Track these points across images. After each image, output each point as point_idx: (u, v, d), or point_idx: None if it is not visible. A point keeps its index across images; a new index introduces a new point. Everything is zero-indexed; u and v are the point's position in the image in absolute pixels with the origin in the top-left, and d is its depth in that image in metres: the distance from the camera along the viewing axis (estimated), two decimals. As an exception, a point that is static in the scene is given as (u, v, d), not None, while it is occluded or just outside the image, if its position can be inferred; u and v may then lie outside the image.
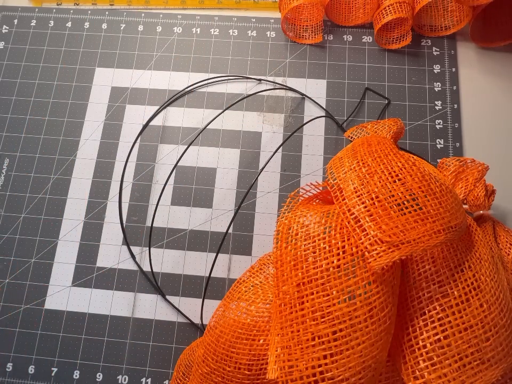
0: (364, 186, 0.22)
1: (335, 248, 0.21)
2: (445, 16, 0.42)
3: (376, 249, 0.20)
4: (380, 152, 0.23)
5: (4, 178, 0.40)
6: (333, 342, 0.20)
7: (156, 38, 0.44)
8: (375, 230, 0.20)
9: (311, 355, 0.20)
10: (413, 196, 0.21)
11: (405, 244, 0.20)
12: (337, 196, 0.23)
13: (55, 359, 0.35)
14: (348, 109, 0.41)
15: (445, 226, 0.21)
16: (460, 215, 0.22)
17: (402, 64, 0.42)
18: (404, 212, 0.21)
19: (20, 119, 0.42)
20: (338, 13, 0.44)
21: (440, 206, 0.21)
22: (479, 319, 0.20)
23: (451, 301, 0.21)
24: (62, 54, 0.44)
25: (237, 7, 0.46)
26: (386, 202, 0.21)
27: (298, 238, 0.22)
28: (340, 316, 0.20)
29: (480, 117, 0.41)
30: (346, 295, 0.21)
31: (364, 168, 0.23)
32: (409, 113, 0.41)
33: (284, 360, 0.21)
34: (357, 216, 0.21)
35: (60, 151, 0.41)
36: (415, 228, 0.20)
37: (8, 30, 0.46)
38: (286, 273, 0.22)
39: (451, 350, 0.20)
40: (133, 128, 0.41)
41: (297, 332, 0.21)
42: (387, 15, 0.39)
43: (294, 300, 0.21)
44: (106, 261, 0.38)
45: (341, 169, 0.23)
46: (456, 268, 0.22)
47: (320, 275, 0.21)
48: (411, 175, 0.22)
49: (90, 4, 0.47)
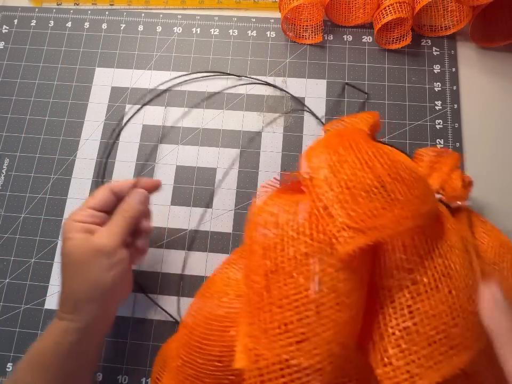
0: (333, 174, 0.22)
1: (303, 235, 0.21)
2: (445, 16, 0.42)
3: (343, 235, 0.20)
4: (351, 142, 0.24)
5: (4, 178, 0.40)
6: (299, 330, 0.20)
7: (156, 38, 0.44)
8: (343, 217, 0.20)
9: (278, 343, 0.20)
10: (382, 183, 0.21)
11: (372, 229, 0.20)
12: (307, 184, 0.23)
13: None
14: (348, 109, 0.41)
15: (414, 213, 0.21)
16: (429, 202, 0.22)
17: (402, 64, 0.42)
18: (372, 199, 0.21)
19: (20, 119, 0.42)
20: (338, 13, 0.44)
21: (409, 193, 0.21)
22: (447, 305, 0.20)
23: (420, 288, 0.21)
24: (62, 54, 0.44)
25: (237, 7, 0.46)
26: (355, 190, 0.21)
27: (267, 227, 0.22)
28: (306, 303, 0.20)
29: (480, 117, 0.41)
30: (313, 282, 0.20)
31: (335, 157, 0.23)
32: (409, 113, 0.41)
33: (250, 348, 0.20)
34: (325, 204, 0.21)
35: (60, 151, 0.41)
36: (382, 214, 0.20)
37: (8, 30, 0.46)
38: (255, 262, 0.22)
39: (419, 336, 0.20)
40: (133, 128, 0.41)
41: (264, 320, 0.21)
42: (387, 15, 0.39)
43: (262, 289, 0.21)
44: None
45: (313, 159, 0.23)
46: (426, 255, 0.21)
47: (288, 263, 0.21)
48: (381, 163, 0.22)
49: (90, 4, 0.47)
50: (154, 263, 0.37)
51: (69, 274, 0.29)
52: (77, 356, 0.28)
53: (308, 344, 0.20)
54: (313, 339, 0.20)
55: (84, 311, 0.28)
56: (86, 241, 0.29)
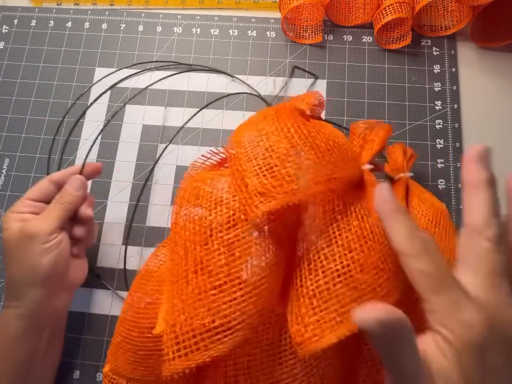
0: (252, 147, 0.23)
1: (220, 205, 0.23)
2: (445, 16, 0.42)
3: (255, 201, 0.21)
4: (273, 116, 0.25)
5: (4, 178, 0.40)
6: (213, 292, 0.21)
7: (156, 38, 0.44)
8: (256, 185, 0.22)
9: (194, 308, 0.21)
10: (297, 151, 0.22)
11: (282, 194, 0.21)
12: (230, 158, 0.24)
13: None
14: (348, 108, 0.41)
15: (326, 177, 0.22)
16: (346, 169, 0.24)
17: (402, 64, 0.42)
18: (285, 166, 0.22)
19: (20, 119, 0.42)
20: (338, 13, 0.44)
21: (322, 160, 0.22)
22: (358, 264, 0.21)
23: (334, 249, 0.22)
24: (62, 54, 0.44)
25: (237, 7, 0.46)
26: (271, 159, 0.22)
27: (189, 199, 0.24)
28: (219, 266, 0.21)
29: (480, 117, 0.41)
30: (227, 247, 0.22)
31: (255, 131, 0.24)
32: (409, 113, 0.41)
33: (169, 315, 0.21)
34: (243, 175, 0.22)
35: (60, 151, 0.41)
36: (293, 180, 0.21)
37: (8, 30, 0.46)
38: (177, 234, 0.23)
39: (330, 294, 0.21)
40: (133, 128, 0.41)
41: (181, 286, 0.22)
42: (387, 15, 0.39)
43: (181, 258, 0.22)
44: (107, 261, 0.38)
45: (237, 135, 0.25)
46: (343, 219, 0.23)
47: (204, 230, 0.22)
48: (298, 134, 0.23)
49: (90, 3, 0.47)
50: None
51: (9, 262, 0.30)
52: (26, 344, 0.29)
53: (224, 308, 0.21)
54: (229, 303, 0.21)
55: (24, 297, 0.29)
56: (21, 228, 0.30)
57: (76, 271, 0.32)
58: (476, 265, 0.19)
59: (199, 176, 0.25)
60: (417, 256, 0.18)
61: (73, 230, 0.32)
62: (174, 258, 0.23)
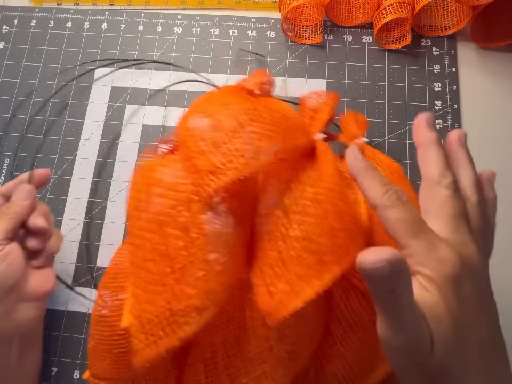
0: (199, 128, 0.24)
1: (171, 190, 0.23)
2: (445, 16, 0.42)
3: (205, 180, 0.22)
4: (218, 96, 0.26)
5: (4, 178, 0.40)
6: (174, 276, 0.21)
7: (156, 38, 0.44)
8: (205, 164, 0.22)
9: (157, 294, 0.21)
10: (243, 125, 0.23)
11: (231, 170, 0.21)
12: (180, 142, 0.25)
13: (55, 359, 0.35)
14: (348, 108, 0.41)
15: (275, 149, 0.23)
16: (295, 139, 0.25)
17: (402, 64, 0.42)
18: (234, 143, 0.22)
19: (19, 119, 0.42)
20: (338, 13, 0.44)
21: (267, 131, 0.23)
22: (316, 228, 0.22)
23: (291, 218, 0.22)
24: (62, 54, 0.44)
25: (237, 7, 0.46)
26: (218, 138, 0.23)
27: (141, 188, 0.24)
28: (177, 249, 0.21)
29: (480, 117, 0.41)
30: (183, 230, 0.22)
31: (202, 112, 0.25)
32: (409, 113, 0.41)
33: (134, 306, 0.22)
34: (191, 156, 0.23)
35: (60, 151, 0.41)
36: (243, 155, 0.22)
37: (8, 30, 0.46)
38: (133, 225, 0.23)
39: (292, 260, 0.21)
40: (133, 128, 0.41)
41: (142, 276, 0.22)
42: (387, 15, 0.39)
43: (139, 247, 0.22)
44: (107, 261, 0.38)
45: (184, 119, 0.25)
46: (297, 187, 0.23)
47: (157, 217, 0.22)
48: (243, 109, 0.24)
49: (90, 3, 0.47)
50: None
51: None
52: None
53: (187, 291, 0.21)
54: (189, 282, 0.21)
55: None
56: None
57: (37, 282, 0.31)
58: (439, 212, 0.21)
59: (150, 166, 0.25)
60: (394, 207, 0.20)
61: (26, 241, 0.31)
62: (132, 250, 0.23)
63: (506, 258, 0.36)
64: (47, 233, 0.32)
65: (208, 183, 0.21)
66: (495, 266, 0.24)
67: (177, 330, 0.20)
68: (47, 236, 0.32)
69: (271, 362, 0.23)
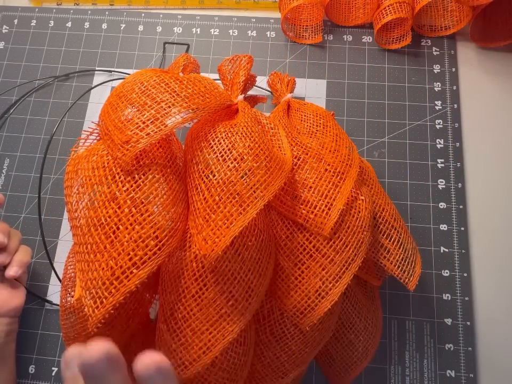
0: (113, 109, 0.27)
1: (96, 169, 0.25)
2: (445, 16, 0.42)
3: (122, 150, 0.24)
4: (130, 79, 0.28)
5: (4, 178, 0.40)
6: (107, 241, 0.23)
7: (156, 38, 0.44)
8: (119, 136, 0.25)
9: (97, 261, 0.23)
10: (153, 97, 0.26)
11: (145, 137, 0.24)
12: (100, 127, 0.28)
13: (55, 359, 0.35)
14: (348, 108, 0.41)
15: (187, 108, 0.26)
16: (214, 99, 0.28)
17: (402, 64, 0.42)
18: (145, 113, 0.25)
19: (20, 119, 0.42)
20: (338, 13, 0.44)
21: (187, 92, 0.27)
22: (234, 168, 0.25)
23: (211, 166, 0.25)
24: (62, 54, 0.44)
25: (237, 7, 0.46)
26: (130, 112, 0.26)
27: (72, 176, 0.26)
28: (108, 217, 0.24)
29: (480, 117, 0.41)
30: (110, 200, 0.24)
31: (116, 96, 0.27)
32: (409, 113, 0.41)
33: (80, 278, 0.24)
34: (110, 134, 0.26)
35: (60, 151, 0.41)
36: (154, 122, 0.25)
37: (8, 30, 0.46)
38: (71, 216, 0.26)
39: (217, 204, 0.24)
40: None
41: (81, 250, 0.24)
42: (387, 15, 0.39)
43: (76, 227, 0.25)
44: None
45: (103, 107, 0.28)
46: (215, 140, 0.26)
47: (88, 197, 0.25)
48: (156, 82, 0.27)
49: (90, 3, 0.47)
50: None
51: None
52: None
53: (117, 247, 0.23)
54: (125, 241, 0.23)
55: None
56: None
57: (5, 299, 0.31)
58: None
59: (78, 154, 0.28)
60: None
61: None
62: (74, 232, 0.25)
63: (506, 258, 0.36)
64: (8, 248, 0.32)
65: (124, 153, 0.24)
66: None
67: (120, 287, 0.22)
68: (8, 250, 0.32)
69: (226, 305, 0.25)
